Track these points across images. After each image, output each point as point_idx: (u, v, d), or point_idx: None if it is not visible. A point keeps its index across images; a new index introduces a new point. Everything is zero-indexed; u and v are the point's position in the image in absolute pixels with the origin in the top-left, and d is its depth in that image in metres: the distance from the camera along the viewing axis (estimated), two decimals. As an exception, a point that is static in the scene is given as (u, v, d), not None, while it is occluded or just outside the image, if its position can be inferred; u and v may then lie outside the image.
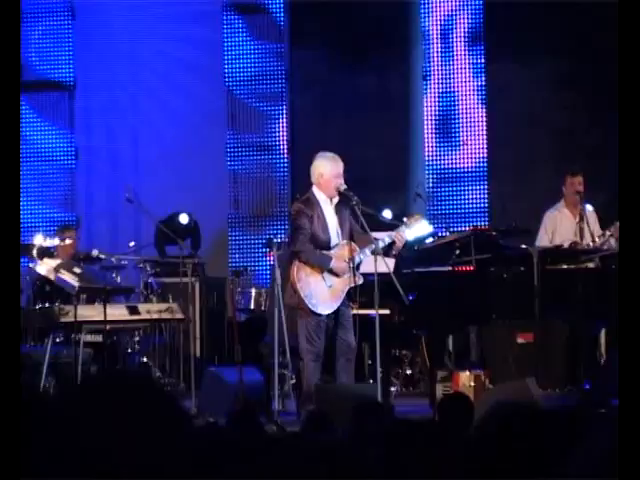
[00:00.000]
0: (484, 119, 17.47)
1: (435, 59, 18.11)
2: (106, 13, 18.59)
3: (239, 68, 18.29)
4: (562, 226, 14.61)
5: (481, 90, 17.87)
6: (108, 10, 18.63)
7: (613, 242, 14.14)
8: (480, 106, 17.92)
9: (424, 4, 18.23)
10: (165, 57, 18.48)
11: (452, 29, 18.26)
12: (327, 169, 13.12)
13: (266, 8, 18.41)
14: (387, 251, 13.07)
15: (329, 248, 12.96)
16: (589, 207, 14.60)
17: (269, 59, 17.64)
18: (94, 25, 18.57)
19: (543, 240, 14.50)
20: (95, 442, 2.70)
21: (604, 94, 16.64)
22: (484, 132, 17.60)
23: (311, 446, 4.66)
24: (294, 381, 13.22)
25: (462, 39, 18.19)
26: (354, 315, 13.05)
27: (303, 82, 17.40)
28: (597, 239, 14.39)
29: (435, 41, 18.07)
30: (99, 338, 14.07)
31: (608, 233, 14.26)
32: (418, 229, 13.80)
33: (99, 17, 18.45)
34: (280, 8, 17.75)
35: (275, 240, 14.05)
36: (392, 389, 13.77)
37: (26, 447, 3.17)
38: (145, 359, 14.35)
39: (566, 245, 14.31)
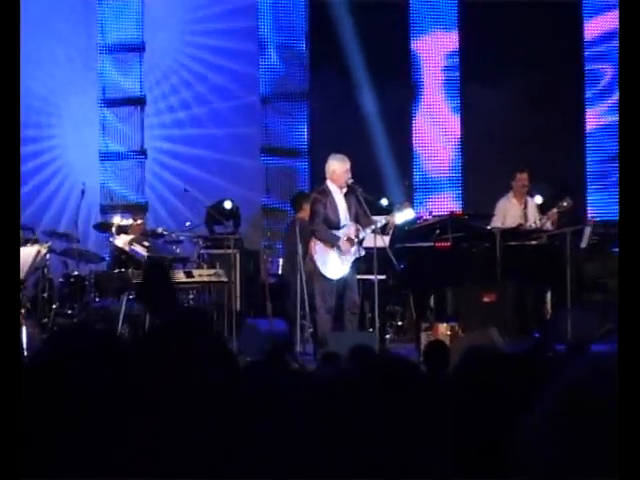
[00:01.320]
0: (459, 134, 17.34)
1: (425, 81, 17.28)
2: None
3: (271, 90, 17.70)
4: (510, 211, 14.69)
5: (457, 109, 17.45)
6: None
7: (549, 224, 14.32)
8: (455, 121, 17.57)
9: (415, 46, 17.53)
10: (214, 75, 17.55)
11: (433, 55, 17.59)
12: (338, 167, 13.10)
13: (292, 46, 17.72)
14: (383, 230, 13.15)
15: (339, 227, 12.98)
16: (537, 198, 14.69)
17: (293, 81, 17.29)
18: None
19: (496, 222, 14.57)
20: (164, 374, 2.64)
21: (559, 115, 16.61)
22: (459, 144, 17.37)
23: (324, 380, 4.69)
24: (312, 330, 13.18)
25: (440, 63, 17.58)
26: (358, 279, 13.22)
27: (321, 99, 17.19)
28: (537, 222, 14.50)
29: (424, 67, 17.38)
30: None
31: (545, 218, 14.42)
32: (406, 214, 13.91)
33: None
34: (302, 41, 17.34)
35: (295, 221, 14.28)
36: (387, 336, 13.76)
37: (105, 382, 2.80)
38: (200, 310, 14.40)
39: (514, 226, 14.44)
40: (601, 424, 1.44)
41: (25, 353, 10.24)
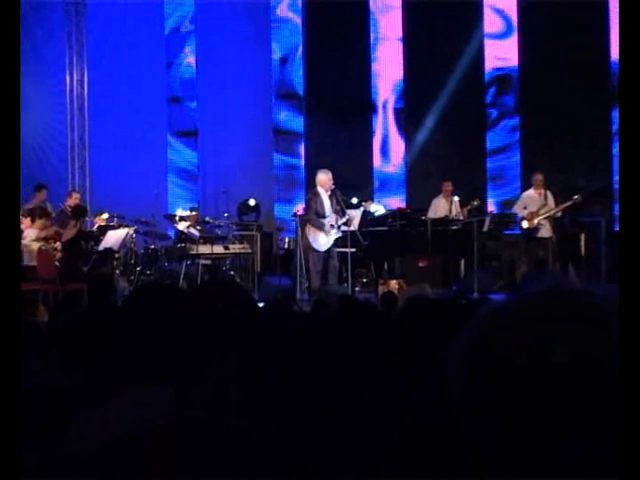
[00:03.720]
0: (404, 154, 17.09)
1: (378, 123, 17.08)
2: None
3: (281, 127, 17.22)
4: (439, 207, 14.67)
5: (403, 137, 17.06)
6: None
7: (462, 216, 14.31)
8: (401, 146, 17.08)
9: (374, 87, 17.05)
10: (239, 91, 16.88)
11: (387, 103, 17.03)
12: (324, 177, 12.98)
13: (297, 94, 17.19)
14: (353, 218, 13.25)
15: (325, 217, 12.87)
16: (456, 198, 14.63)
17: (292, 121, 17.27)
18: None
19: (429, 214, 14.53)
20: (211, 312, 2.56)
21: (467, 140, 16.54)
22: (404, 162, 17.14)
23: (317, 319, 4.64)
24: (307, 284, 13.18)
25: (392, 107, 17.05)
26: (337, 251, 13.13)
27: (314, 132, 17.08)
28: (457, 214, 14.50)
29: (379, 110, 17.10)
30: (209, 262, 14.14)
31: (462, 211, 14.45)
32: (371, 208, 14.02)
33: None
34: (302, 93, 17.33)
35: (296, 213, 14.19)
36: (356, 288, 13.75)
37: (172, 318, 2.71)
38: (232, 273, 14.37)
39: (442, 216, 14.44)
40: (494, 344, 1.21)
41: (119, 301, 10.21)
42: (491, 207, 15.99)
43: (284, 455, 2.01)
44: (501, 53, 16.50)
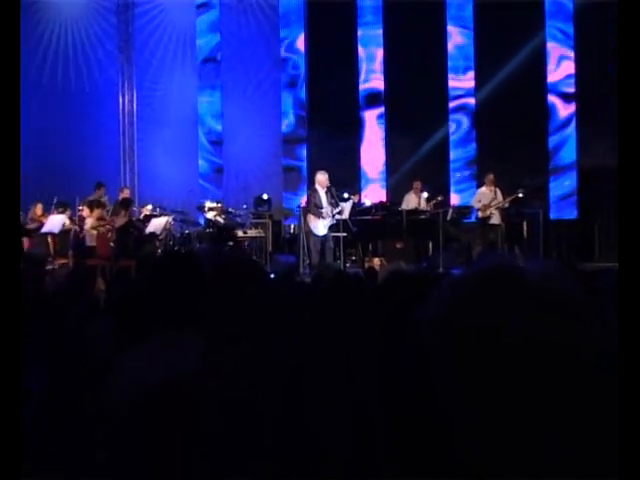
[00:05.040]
0: (384, 158, 17.06)
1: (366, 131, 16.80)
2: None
3: (288, 136, 16.99)
4: (411, 201, 14.53)
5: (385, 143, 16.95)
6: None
7: (428, 209, 14.16)
8: (382, 151, 16.92)
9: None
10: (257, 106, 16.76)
11: (371, 118, 16.60)
12: (321, 177, 12.92)
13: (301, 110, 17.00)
14: (344, 210, 13.21)
15: (322, 208, 12.79)
16: (424, 194, 14.56)
17: (297, 131, 17.26)
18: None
19: (403, 206, 14.28)
20: (230, 280, 2.48)
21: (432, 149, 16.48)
22: (385, 164, 17.06)
23: (316, 289, 4.61)
24: (308, 261, 13.16)
25: (375, 119, 16.75)
26: (332, 235, 13.02)
27: (314, 140, 17.00)
28: (425, 207, 14.41)
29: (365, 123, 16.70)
30: (231, 243, 14.12)
31: (429, 205, 14.35)
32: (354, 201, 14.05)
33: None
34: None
35: (300, 205, 14.14)
36: (347, 264, 13.72)
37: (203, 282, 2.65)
38: (249, 251, 14.35)
39: (413, 208, 14.35)
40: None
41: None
42: (454, 201, 15.91)
43: (286, 411, 1.89)
44: (462, 87, 16.29)
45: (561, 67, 15.80)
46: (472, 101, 16.22)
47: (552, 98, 15.88)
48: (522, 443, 1.04)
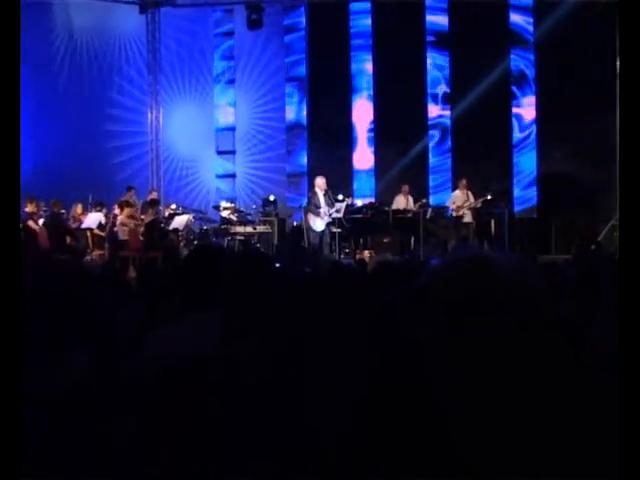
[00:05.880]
0: (373, 165, 16.70)
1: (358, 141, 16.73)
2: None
3: (291, 146, 16.73)
4: (399, 202, 14.45)
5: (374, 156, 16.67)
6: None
7: (413, 209, 14.13)
8: (371, 158, 16.50)
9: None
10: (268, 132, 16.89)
11: (363, 132, 16.38)
12: (320, 181, 12.96)
13: (302, 125, 16.67)
14: (338, 210, 13.19)
15: (320, 208, 12.82)
16: (410, 197, 14.43)
17: (299, 143, 17.01)
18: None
19: (392, 207, 14.25)
20: (244, 265, 2.46)
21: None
22: (373, 171, 16.84)
23: (316, 276, 4.62)
24: (309, 252, 13.15)
25: (366, 135, 16.58)
26: (329, 231, 13.11)
27: (313, 150, 16.87)
28: (411, 207, 14.37)
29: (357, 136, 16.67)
30: (242, 238, 14.10)
31: (414, 206, 14.33)
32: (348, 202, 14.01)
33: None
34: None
35: (302, 205, 14.12)
36: (341, 256, 13.69)
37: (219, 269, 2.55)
38: (258, 245, 14.31)
39: (400, 208, 14.31)
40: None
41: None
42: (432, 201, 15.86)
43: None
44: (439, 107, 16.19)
45: (522, 87, 15.80)
46: (448, 116, 16.19)
47: (516, 112, 15.92)
48: (518, 440, 0.95)
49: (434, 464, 1.06)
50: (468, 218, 14.09)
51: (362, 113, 16.58)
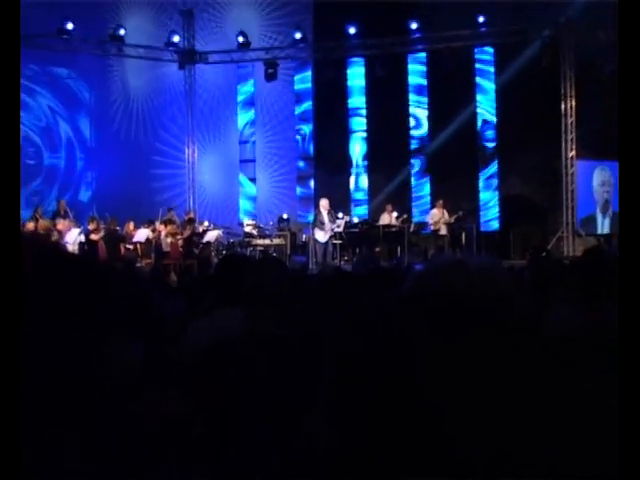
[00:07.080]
0: (367, 185, 16.79)
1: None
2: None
3: (301, 174, 16.52)
4: (385, 218, 14.25)
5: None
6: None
7: (397, 223, 13.94)
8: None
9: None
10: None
11: (358, 161, 16.05)
12: (324, 202, 13.01)
13: (310, 156, 16.37)
14: (339, 225, 13.17)
15: (324, 224, 12.88)
16: (395, 213, 14.33)
17: (307, 170, 16.79)
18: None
19: (379, 222, 14.09)
20: (264, 270, 2.36)
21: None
22: (367, 191, 16.78)
23: (322, 279, 4.60)
24: (315, 260, 13.12)
25: (362, 163, 16.32)
26: (332, 243, 13.12)
27: (318, 176, 16.78)
28: (395, 222, 14.27)
29: (354, 164, 16.36)
30: (262, 248, 14.06)
31: (398, 220, 14.19)
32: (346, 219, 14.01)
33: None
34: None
35: (309, 222, 14.05)
36: (341, 263, 13.65)
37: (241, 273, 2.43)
38: (274, 254, 14.25)
39: (387, 224, 14.22)
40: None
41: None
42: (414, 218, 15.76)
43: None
44: (419, 140, 16.07)
45: (485, 125, 15.80)
46: (425, 149, 16.20)
47: (481, 146, 15.92)
48: (510, 441, 0.85)
49: (432, 464, 0.89)
50: (443, 231, 14.13)
51: (357, 148, 16.61)
